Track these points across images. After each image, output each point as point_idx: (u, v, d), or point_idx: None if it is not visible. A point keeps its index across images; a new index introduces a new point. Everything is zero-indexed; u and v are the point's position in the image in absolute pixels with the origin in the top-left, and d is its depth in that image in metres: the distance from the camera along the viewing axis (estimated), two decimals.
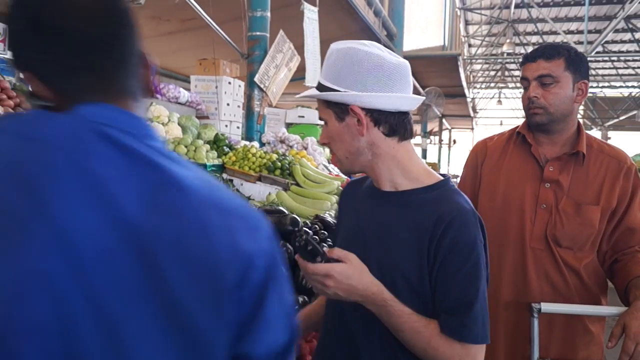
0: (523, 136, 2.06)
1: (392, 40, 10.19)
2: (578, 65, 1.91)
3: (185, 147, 4.15)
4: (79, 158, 0.69)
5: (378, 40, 9.22)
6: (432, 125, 19.85)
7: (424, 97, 1.38)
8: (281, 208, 2.33)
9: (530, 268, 1.95)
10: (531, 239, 1.95)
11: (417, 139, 17.18)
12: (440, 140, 21.87)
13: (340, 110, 1.29)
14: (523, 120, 2.11)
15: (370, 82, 1.25)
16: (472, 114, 22.53)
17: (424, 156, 17.50)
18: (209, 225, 0.72)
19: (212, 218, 0.73)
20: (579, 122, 2.02)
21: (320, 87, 1.31)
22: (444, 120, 21.38)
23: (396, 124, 1.30)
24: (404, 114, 1.32)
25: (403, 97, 1.28)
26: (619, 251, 1.94)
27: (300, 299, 1.85)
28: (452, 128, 27.03)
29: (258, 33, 5.20)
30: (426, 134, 17.69)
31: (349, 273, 1.19)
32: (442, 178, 1.35)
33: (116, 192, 0.68)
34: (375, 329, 1.28)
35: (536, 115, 1.93)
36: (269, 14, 5.20)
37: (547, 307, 1.85)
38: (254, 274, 0.74)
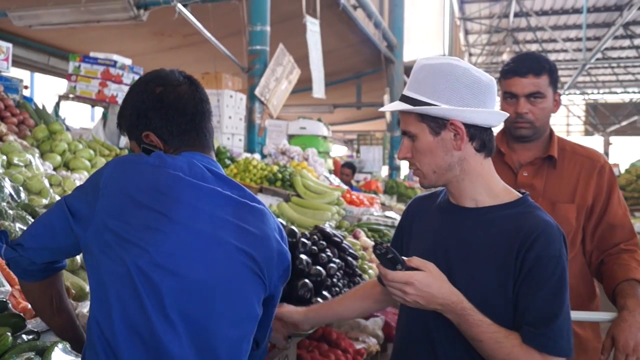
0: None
1: (392, 50, 10.28)
2: (556, 77, 1.97)
3: None
4: (196, 178, 1.25)
5: (378, 51, 9.32)
6: None
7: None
8: (280, 220, 2.38)
9: None
10: None
11: None
12: None
13: (437, 124, 1.31)
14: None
15: (468, 98, 1.30)
16: None
17: None
18: (264, 230, 1.32)
19: (265, 225, 1.33)
20: (551, 127, 2.07)
21: (413, 102, 1.31)
22: None
23: (487, 140, 1.35)
24: (490, 130, 1.36)
25: (496, 113, 1.34)
26: (604, 250, 1.96)
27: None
28: None
29: (258, 47, 5.28)
30: None
31: (429, 281, 1.23)
32: (520, 195, 1.37)
33: (217, 198, 1.26)
34: (457, 339, 1.30)
35: (522, 129, 1.97)
36: (268, 28, 5.28)
37: None
38: (288, 271, 1.40)
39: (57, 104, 4.44)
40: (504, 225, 1.31)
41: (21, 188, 2.18)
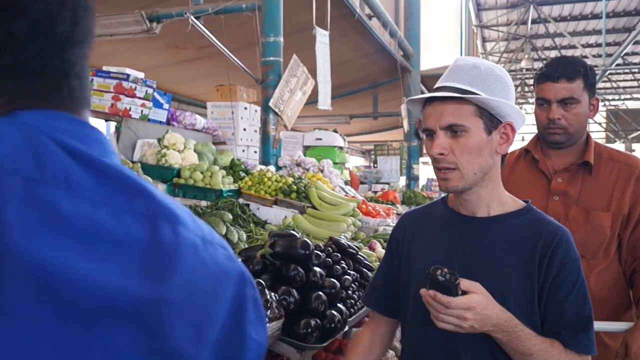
0: (531, 152, 2.06)
1: (408, 60, 10.20)
2: (592, 82, 1.90)
3: (202, 173, 4.17)
4: (46, 182, 0.51)
5: (395, 61, 9.25)
6: None
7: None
8: (293, 232, 2.30)
9: None
10: None
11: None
12: None
13: (492, 123, 1.26)
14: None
15: (513, 99, 1.28)
16: None
17: None
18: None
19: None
20: (588, 132, 2.01)
21: (466, 93, 1.24)
22: None
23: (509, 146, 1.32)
24: None
25: (524, 117, 1.30)
26: (637, 258, 1.89)
27: (313, 322, 1.80)
28: None
29: (271, 58, 5.24)
30: None
31: (485, 303, 1.17)
32: (525, 203, 1.36)
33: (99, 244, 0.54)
34: (485, 355, 1.28)
35: (555, 135, 1.93)
36: (281, 39, 5.24)
37: None
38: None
39: None
40: (520, 233, 1.29)
41: None
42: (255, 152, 5.86)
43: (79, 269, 0.49)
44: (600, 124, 21.45)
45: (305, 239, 2.03)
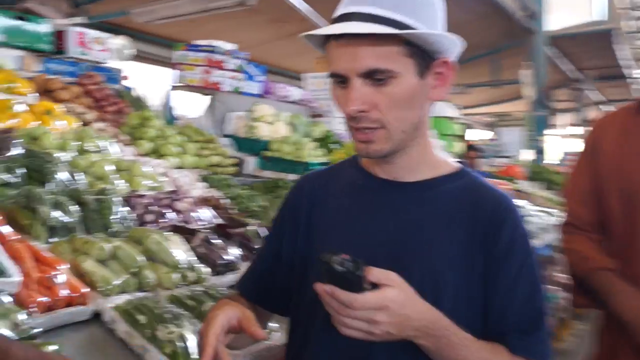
0: None
1: (532, 19, 9.25)
2: None
3: (292, 144, 4.02)
4: None
5: (515, 22, 8.43)
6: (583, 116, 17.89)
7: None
8: None
9: None
10: None
11: (571, 129, 15.56)
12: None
13: (424, 62, 0.95)
14: None
15: (443, 24, 0.99)
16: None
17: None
18: None
19: None
20: None
21: (393, 23, 0.90)
22: (602, 108, 19.18)
23: None
24: None
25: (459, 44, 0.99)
26: None
27: None
28: None
29: None
30: (585, 122, 15.90)
31: (403, 299, 0.86)
32: (458, 164, 1.09)
33: None
34: None
35: None
36: None
37: None
38: None
39: (168, 94, 4.50)
40: (457, 202, 1.01)
41: (83, 174, 2.09)
42: None
43: None
44: None
45: None
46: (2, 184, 1.77)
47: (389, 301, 0.84)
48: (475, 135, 15.52)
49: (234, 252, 1.96)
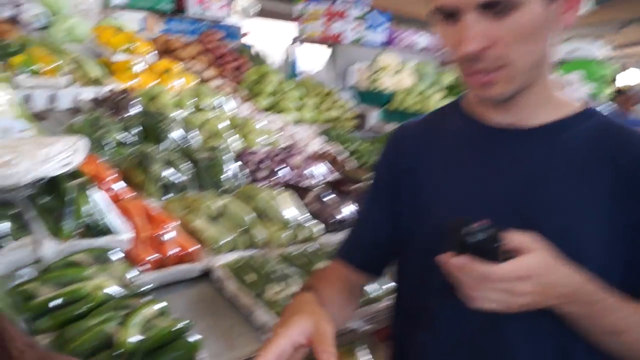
0: None
1: None
2: None
3: (417, 95, 3.78)
4: None
5: None
6: None
7: None
8: None
9: None
10: None
11: None
12: None
13: None
14: None
15: None
16: None
17: None
18: None
19: None
20: None
21: None
22: None
23: None
24: None
25: None
26: None
27: None
28: None
29: None
30: None
31: (545, 266, 0.75)
32: (582, 103, 0.92)
33: None
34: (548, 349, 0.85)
35: None
36: None
37: None
38: None
39: (289, 49, 4.45)
40: (588, 147, 0.86)
41: (197, 131, 2.08)
42: None
43: None
44: None
45: None
46: (119, 143, 1.81)
47: (532, 269, 0.73)
48: (631, 78, 13.83)
49: (348, 209, 1.85)
